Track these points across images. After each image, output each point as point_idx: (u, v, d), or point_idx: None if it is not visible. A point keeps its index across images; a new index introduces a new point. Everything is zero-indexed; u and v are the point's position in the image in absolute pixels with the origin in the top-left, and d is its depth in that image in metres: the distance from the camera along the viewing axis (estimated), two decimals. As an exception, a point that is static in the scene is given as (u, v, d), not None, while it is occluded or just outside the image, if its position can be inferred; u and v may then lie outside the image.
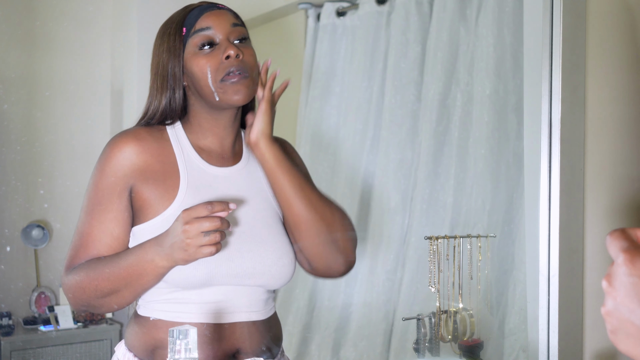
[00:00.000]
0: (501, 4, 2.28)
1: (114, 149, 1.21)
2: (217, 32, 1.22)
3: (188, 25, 1.23)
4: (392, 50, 2.65)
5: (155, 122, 1.26)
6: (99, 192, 1.20)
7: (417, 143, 2.56)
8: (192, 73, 1.22)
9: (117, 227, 1.20)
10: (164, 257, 1.11)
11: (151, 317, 1.21)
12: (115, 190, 1.19)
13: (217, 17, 1.23)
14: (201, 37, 1.21)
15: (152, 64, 1.28)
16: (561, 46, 1.67)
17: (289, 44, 3.24)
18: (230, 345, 1.21)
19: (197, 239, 1.07)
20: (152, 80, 1.27)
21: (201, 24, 1.22)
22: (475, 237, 1.95)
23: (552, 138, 1.69)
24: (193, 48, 1.22)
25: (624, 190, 1.86)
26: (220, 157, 1.28)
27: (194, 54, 1.22)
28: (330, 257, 1.27)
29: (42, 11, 3.35)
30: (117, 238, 1.20)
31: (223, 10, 1.26)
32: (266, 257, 1.23)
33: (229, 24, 1.23)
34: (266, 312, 1.27)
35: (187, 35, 1.22)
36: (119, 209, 1.19)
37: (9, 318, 3.09)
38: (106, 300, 1.17)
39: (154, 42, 1.28)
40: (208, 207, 1.06)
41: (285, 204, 1.24)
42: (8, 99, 3.26)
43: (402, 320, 2.00)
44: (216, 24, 1.22)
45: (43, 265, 3.29)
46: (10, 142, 3.25)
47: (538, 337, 1.69)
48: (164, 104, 1.25)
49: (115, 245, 1.20)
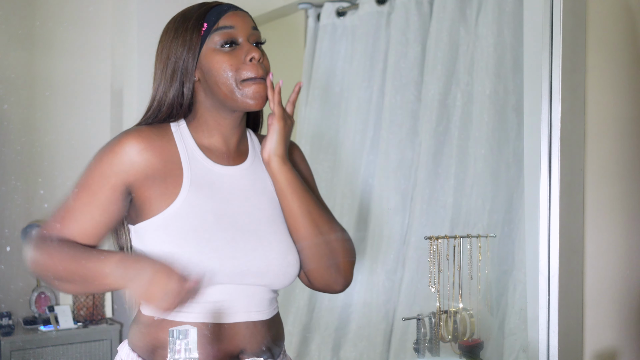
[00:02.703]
0: (501, 4, 2.28)
1: (117, 145, 1.20)
2: (239, 32, 1.23)
3: (209, 21, 1.23)
4: (392, 50, 2.65)
5: (161, 117, 1.25)
6: (90, 178, 1.20)
7: (417, 143, 2.56)
8: (208, 69, 1.22)
9: (98, 214, 1.19)
10: (119, 280, 1.12)
11: (155, 317, 1.21)
12: (109, 181, 1.19)
13: (241, 18, 1.25)
14: (224, 35, 1.22)
15: (161, 56, 1.26)
16: (561, 46, 1.67)
17: (289, 44, 3.24)
18: (234, 345, 1.21)
19: (158, 292, 1.07)
20: (161, 72, 1.25)
21: (225, 22, 1.23)
22: (475, 237, 1.95)
23: (552, 138, 1.69)
24: (213, 45, 1.22)
25: (624, 190, 1.86)
26: (225, 155, 1.28)
27: (214, 50, 1.22)
28: (330, 278, 1.30)
29: (42, 11, 3.35)
30: (94, 225, 1.19)
31: (244, 12, 1.28)
32: (271, 257, 1.23)
33: (250, 26, 1.25)
34: (270, 312, 1.27)
35: (207, 31, 1.23)
36: (107, 197, 1.19)
37: (9, 318, 3.09)
38: (60, 284, 1.19)
39: (163, 35, 1.27)
40: (182, 280, 1.08)
41: (291, 225, 1.27)
42: (8, 99, 3.25)
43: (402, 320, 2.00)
44: (239, 25, 1.24)
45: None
46: (10, 142, 3.25)
47: (538, 337, 1.69)
48: (171, 97, 1.24)
49: (89, 231, 1.19)
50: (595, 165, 1.76)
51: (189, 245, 1.16)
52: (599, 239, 1.77)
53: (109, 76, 3.53)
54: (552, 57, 1.69)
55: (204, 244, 1.17)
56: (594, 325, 1.75)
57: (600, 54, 1.78)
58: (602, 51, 1.79)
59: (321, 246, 1.26)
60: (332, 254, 1.27)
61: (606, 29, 1.81)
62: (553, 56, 1.69)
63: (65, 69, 3.40)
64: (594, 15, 1.76)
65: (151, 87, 1.28)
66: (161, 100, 1.25)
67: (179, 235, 1.17)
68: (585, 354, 1.75)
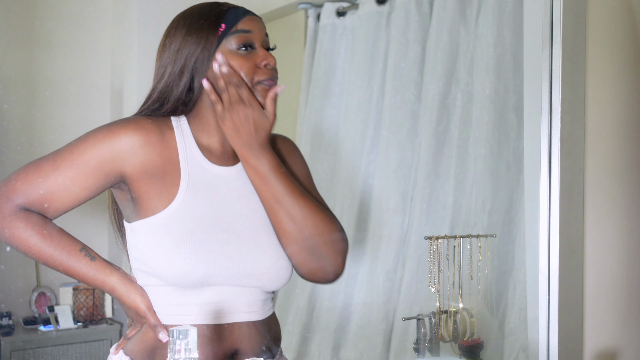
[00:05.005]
0: (501, 4, 2.28)
1: (122, 131, 1.19)
2: (256, 37, 1.24)
3: (228, 23, 1.23)
4: (392, 50, 2.65)
5: (164, 111, 1.25)
6: (83, 155, 1.18)
7: (417, 143, 2.56)
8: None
9: (79, 190, 1.18)
10: (122, 290, 1.21)
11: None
12: (104, 165, 1.18)
13: (257, 23, 1.26)
14: (243, 38, 1.23)
15: (169, 49, 1.25)
16: (561, 46, 1.67)
17: (289, 44, 3.24)
18: (229, 346, 1.21)
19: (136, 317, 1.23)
20: (169, 66, 1.24)
21: (243, 26, 1.24)
22: (475, 237, 1.95)
23: (552, 138, 1.69)
24: (230, 46, 1.23)
25: (624, 190, 1.86)
26: (221, 156, 1.28)
27: (230, 52, 1.22)
28: (314, 266, 1.27)
29: (42, 11, 3.35)
30: (70, 200, 1.18)
31: (259, 17, 1.29)
32: (265, 259, 1.23)
33: (264, 32, 1.27)
34: (264, 313, 1.27)
35: (225, 32, 1.23)
36: (97, 179, 1.18)
37: (9, 318, 3.09)
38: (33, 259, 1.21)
39: (172, 29, 1.26)
40: (155, 325, 1.19)
41: (273, 228, 1.26)
42: (8, 99, 3.26)
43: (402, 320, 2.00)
44: (256, 30, 1.25)
45: (43, 265, 3.28)
46: (10, 142, 3.25)
47: (538, 337, 1.69)
48: (177, 92, 1.24)
49: (61, 204, 1.18)
50: (595, 165, 1.76)
51: (185, 247, 1.16)
52: (599, 239, 1.77)
53: (109, 76, 3.53)
54: (552, 57, 1.69)
55: (199, 245, 1.17)
56: (594, 325, 1.75)
57: (600, 54, 1.78)
58: (602, 51, 1.79)
59: (297, 232, 1.23)
60: (311, 238, 1.24)
61: (606, 28, 1.81)
62: (553, 56, 1.69)
63: (65, 69, 3.40)
64: (594, 15, 1.76)
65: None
66: (164, 93, 1.24)
67: (175, 237, 1.17)
68: (585, 354, 1.75)
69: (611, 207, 1.82)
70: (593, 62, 1.75)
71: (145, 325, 1.23)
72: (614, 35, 1.84)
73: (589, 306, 1.75)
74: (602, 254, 1.78)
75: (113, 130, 1.20)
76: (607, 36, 1.81)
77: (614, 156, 1.83)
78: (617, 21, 1.85)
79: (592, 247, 1.75)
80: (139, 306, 1.21)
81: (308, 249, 1.24)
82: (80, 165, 1.18)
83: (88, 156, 1.18)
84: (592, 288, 1.75)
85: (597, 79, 1.76)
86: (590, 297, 1.75)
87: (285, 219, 1.23)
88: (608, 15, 1.82)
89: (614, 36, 1.84)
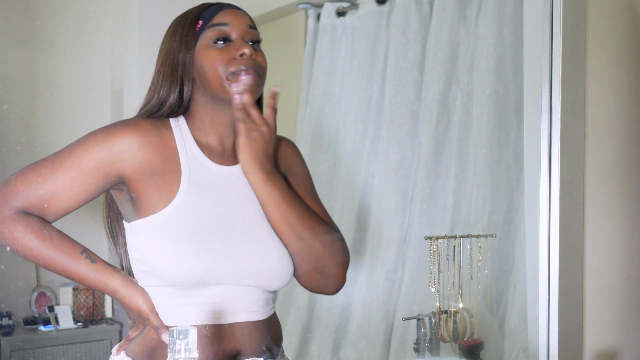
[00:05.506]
0: (501, 4, 2.28)
1: (121, 133, 1.19)
2: (233, 29, 1.24)
3: (205, 19, 1.24)
4: (392, 50, 2.65)
5: (162, 114, 1.25)
6: (83, 157, 1.18)
7: (417, 143, 2.56)
8: (201, 65, 1.22)
9: (78, 192, 1.18)
10: (124, 292, 1.21)
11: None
12: (103, 166, 1.18)
13: (235, 15, 1.25)
14: (217, 32, 1.23)
15: (160, 54, 1.28)
16: (561, 46, 1.67)
17: (289, 44, 3.24)
18: (231, 346, 1.21)
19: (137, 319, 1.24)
20: (159, 70, 1.26)
21: (219, 19, 1.24)
22: (475, 237, 1.95)
23: (552, 138, 1.69)
24: (207, 41, 1.23)
25: (624, 190, 1.86)
26: (221, 155, 1.28)
27: (207, 47, 1.23)
28: (320, 282, 1.30)
29: (42, 11, 3.35)
30: (69, 202, 1.18)
31: (241, 10, 1.28)
32: (266, 258, 1.23)
33: (246, 24, 1.25)
34: (266, 312, 1.27)
35: (202, 28, 1.23)
36: (96, 181, 1.18)
37: (9, 318, 3.09)
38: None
39: (165, 34, 1.29)
40: (158, 328, 1.19)
41: (277, 234, 1.26)
42: (8, 99, 3.25)
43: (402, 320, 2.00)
44: (234, 22, 1.24)
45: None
46: (10, 142, 3.25)
47: (538, 337, 1.69)
48: (172, 96, 1.24)
49: (60, 207, 1.18)
50: (595, 165, 1.76)
51: (185, 246, 1.16)
52: (599, 239, 1.77)
53: (109, 76, 3.53)
54: (552, 57, 1.69)
55: (199, 244, 1.17)
56: (594, 325, 1.75)
57: (600, 53, 1.78)
58: (602, 51, 1.79)
59: (306, 252, 1.26)
60: (319, 260, 1.26)
61: (606, 28, 1.81)
62: (553, 56, 1.69)
63: (65, 69, 3.40)
64: (594, 15, 1.76)
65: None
66: (162, 98, 1.25)
67: (175, 236, 1.17)
68: (585, 354, 1.75)
69: (611, 207, 1.82)
70: (593, 62, 1.76)
71: (147, 326, 1.23)
72: (614, 35, 1.84)
73: (589, 306, 1.75)
74: (602, 254, 1.78)
75: (112, 132, 1.20)
76: (607, 36, 1.81)
77: (614, 156, 1.83)
78: (617, 21, 1.85)
79: (592, 247, 1.75)
80: (142, 308, 1.20)
81: (312, 266, 1.27)
82: (79, 167, 1.18)
83: (87, 158, 1.18)
84: (592, 288, 1.75)
85: (597, 79, 1.76)
86: (590, 297, 1.75)
87: (293, 239, 1.25)
88: (608, 15, 1.82)
89: (614, 36, 1.84)
